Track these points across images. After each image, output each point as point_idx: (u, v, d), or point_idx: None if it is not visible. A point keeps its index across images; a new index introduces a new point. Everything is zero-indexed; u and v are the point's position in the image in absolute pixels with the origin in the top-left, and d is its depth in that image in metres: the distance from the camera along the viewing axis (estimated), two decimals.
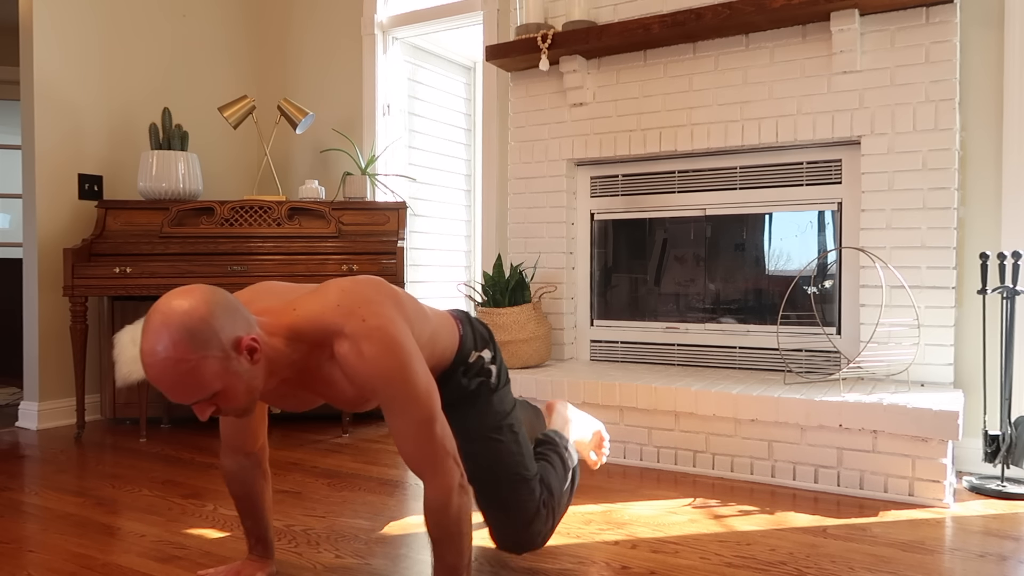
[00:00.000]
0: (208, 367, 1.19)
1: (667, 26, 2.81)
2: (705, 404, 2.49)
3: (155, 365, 1.17)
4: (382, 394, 1.31)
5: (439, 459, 1.35)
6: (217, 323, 1.20)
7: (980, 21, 2.54)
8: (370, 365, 1.28)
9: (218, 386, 1.22)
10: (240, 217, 3.25)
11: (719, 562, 1.77)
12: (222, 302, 1.23)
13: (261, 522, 1.66)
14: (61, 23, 3.34)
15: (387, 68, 3.90)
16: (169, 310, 1.18)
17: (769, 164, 2.89)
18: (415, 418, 1.33)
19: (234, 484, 1.63)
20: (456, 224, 4.31)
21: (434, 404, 1.36)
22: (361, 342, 1.28)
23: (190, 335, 1.17)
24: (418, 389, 1.32)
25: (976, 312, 2.56)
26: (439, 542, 1.39)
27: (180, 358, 1.17)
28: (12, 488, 2.39)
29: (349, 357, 1.29)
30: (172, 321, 1.17)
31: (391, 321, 1.32)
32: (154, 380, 1.19)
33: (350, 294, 1.33)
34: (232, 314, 1.23)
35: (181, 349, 1.17)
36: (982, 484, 2.33)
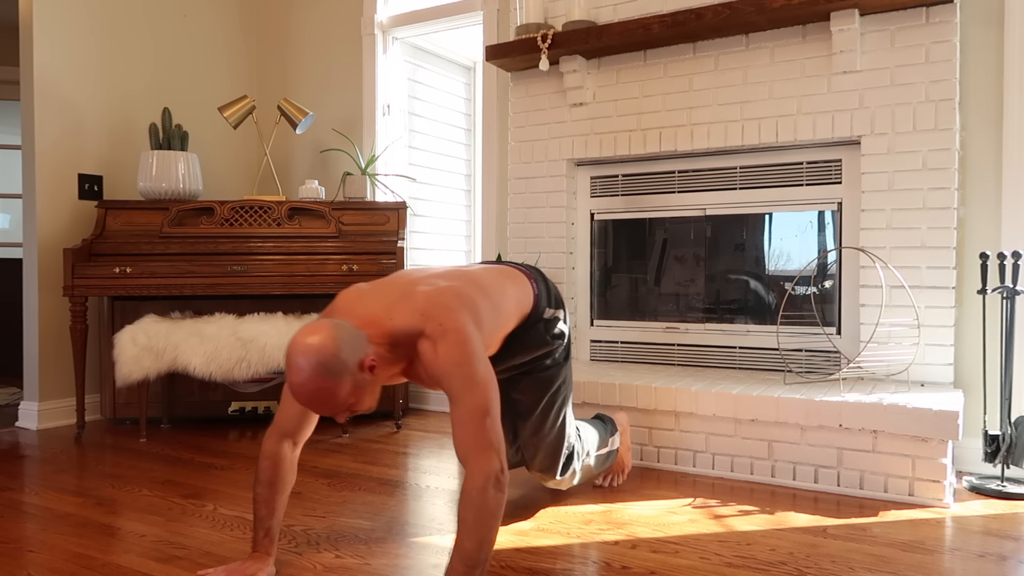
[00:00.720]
0: (342, 389, 1.47)
1: (667, 26, 2.81)
2: (705, 404, 2.49)
3: (302, 395, 1.45)
4: (447, 383, 1.54)
5: (483, 447, 1.49)
6: (344, 354, 1.47)
7: (980, 21, 2.54)
8: (441, 360, 1.55)
9: (351, 400, 1.50)
10: (240, 217, 3.25)
11: (719, 562, 1.77)
12: (345, 336, 1.49)
13: (275, 513, 1.70)
14: (61, 23, 3.35)
15: (387, 68, 3.90)
16: (306, 348, 1.44)
17: (769, 164, 2.89)
18: (469, 406, 1.52)
19: (268, 468, 1.69)
20: (456, 224, 4.31)
21: (489, 399, 1.54)
22: (436, 342, 1.55)
23: (325, 368, 1.44)
24: (476, 383, 1.54)
25: (976, 312, 2.56)
26: (464, 525, 1.46)
27: (319, 388, 1.44)
28: (12, 488, 2.39)
29: (427, 354, 1.56)
30: (311, 359, 1.44)
31: (462, 326, 1.58)
32: (303, 403, 1.47)
33: (432, 301, 1.60)
34: (354, 342, 1.50)
35: (319, 380, 1.44)
36: (982, 484, 2.33)
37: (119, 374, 2.98)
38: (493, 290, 1.78)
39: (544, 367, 1.97)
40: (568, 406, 2.05)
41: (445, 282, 1.68)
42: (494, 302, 1.76)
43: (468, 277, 1.76)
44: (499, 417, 1.55)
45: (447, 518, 2.10)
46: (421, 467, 2.64)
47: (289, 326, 3.08)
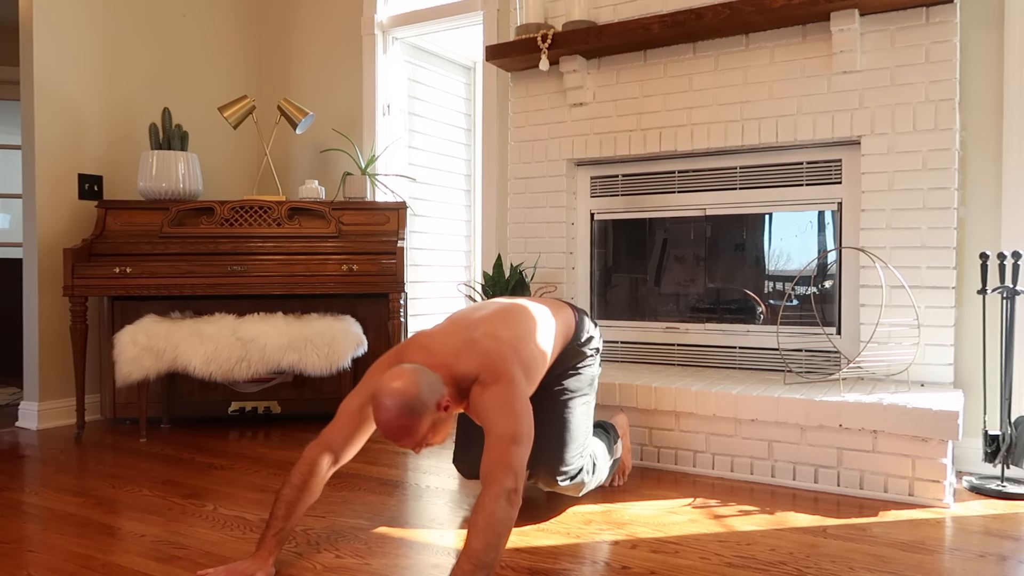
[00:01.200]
0: (422, 426, 1.66)
1: (667, 26, 2.81)
2: (705, 404, 2.49)
3: (388, 431, 1.64)
4: (486, 415, 1.71)
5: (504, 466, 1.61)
6: (424, 396, 1.66)
7: (980, 21, 2.54)
8: (486, 398, 1.74)
9: (429, 435, 1.70)
10: (240, 217, 3.25)
11: (719, 562, 1.77)
12: (424, 380, 1.68)
13: (291, 518, 1.73)
14: (61, 23, 3.35)
15: (387, 68, 3.90)
16: (392, 391, 1.64)
17: (769, 164, 2.89)
18: (499, 431, 1.66)
19: (303, 473, 1.75)
20: (456, 224, 4.31)
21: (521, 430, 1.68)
22: (487, 386, 1.75)
23: (409, 408, 1.63)
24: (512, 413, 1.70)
25: (976, 312, 2.56)
26: (474, 528, 1.52)
27: (403, 425, 1.64)
28: (12, 488, 2.39)
29: (476, 394, 1.76)
30: (397, 401, 1.63)
31: (512, 375, 1.77)
32: (387, 437, 1.66)
33: (491, 355, 1.79)
34: (432, 385, 1.69)
35: (404, 419, 1.63)
36: (982, 484, 2.33)
37: (119, 374, 2.98)
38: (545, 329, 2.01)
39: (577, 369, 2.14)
40: (589, 419, 2.14)
41: (507, 333, 1.88)
42: (545, 338, 1.99)
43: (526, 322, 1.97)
44: (527, 450, 1.67)
45: (447, 518, 2.10)
46: (421, 467, 2.64)
47: (289, 326, 3.08)
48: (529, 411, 1.74)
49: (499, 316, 1.95)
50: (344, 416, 1.79)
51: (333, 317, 3.20)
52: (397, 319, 3.15)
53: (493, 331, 1.86)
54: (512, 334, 1.88)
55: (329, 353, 3.06)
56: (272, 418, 3.47)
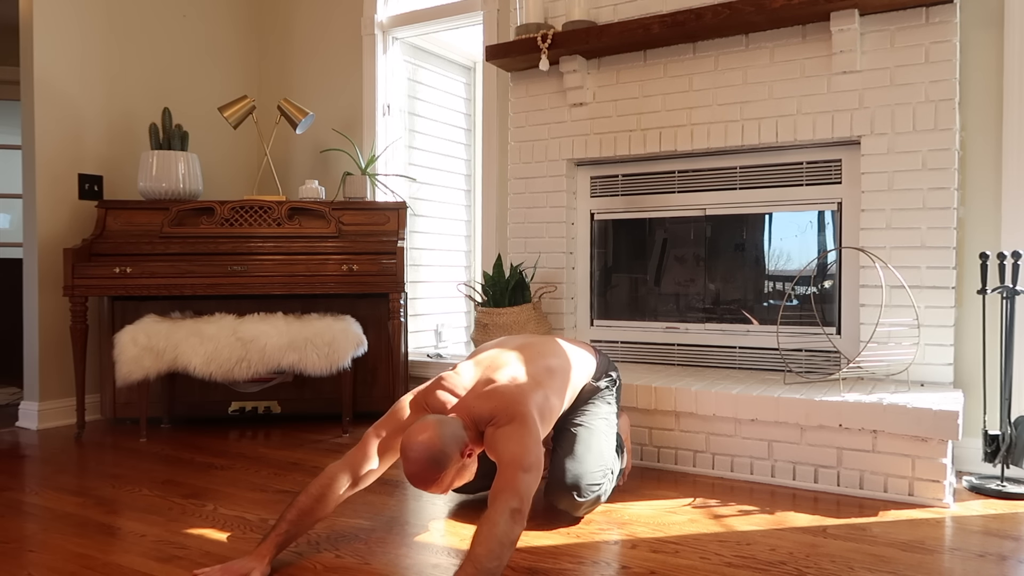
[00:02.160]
0: (448, 475, 1.75)
1: (667, 26, 2.81)
2: (705, 404, 2.49)
3: (416, 481, 1.73)
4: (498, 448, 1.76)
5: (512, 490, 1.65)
6: (448, 449, 1.73)
7: (980, 21, 2.54)
8: (499, 434, 1.79)
9: (456, 480, 1.80)
10: (240, 217, 3.25)
11: (719, 562, 1.77)
12: (448, 432, 1.75)
13: (299, 525, 1.76)
14: (61, 23, 3.35)
15: (387, 68, 3.90)
16: (417, 445, 1.71)
17: (769, 164, 2.89)
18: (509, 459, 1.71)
19: (322, 485, 1.79)
20: (456, 224, 4.30)
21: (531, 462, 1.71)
22: (501, 427, 1.79)
23: (435, 462, 1.72)
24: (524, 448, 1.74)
25: (976, 312, 2.56)
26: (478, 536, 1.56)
27: (430, 476, 1.72)
28: (12, 488, 2.39)
29: (491, 435, 1.80)
30: (422, 455, 1.70)
31: (527, 415, 1.81)
32: (416, 486, 1.75)
33: (508, 399, 1.83)
34: (455, 437, 1.76)
35: (431, 472, 1.72)
36: (982, 484, 2.33)
37: (119, 374, 2.98)
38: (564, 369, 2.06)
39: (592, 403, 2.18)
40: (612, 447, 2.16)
41: (527, 377, 1.94)
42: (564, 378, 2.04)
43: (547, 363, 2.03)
44: (536, 479, 1.70)
45: (447, 518, 2.10)
46: None
47: (289, 326, 3.08)
48: (540, 445, 1.78)
49: (523, 356, 2.03)
50: (368, 443, 1.86)
51: (333, 317, 3.20)
52: (397, 319, 3.15)
53: (514, 373, 1.94)
54: (533, 377, 1.95)
55: (329, 353, 3.06)
56: (272, 418, 3.47)
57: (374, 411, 3.44)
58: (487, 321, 2.96)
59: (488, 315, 2.97)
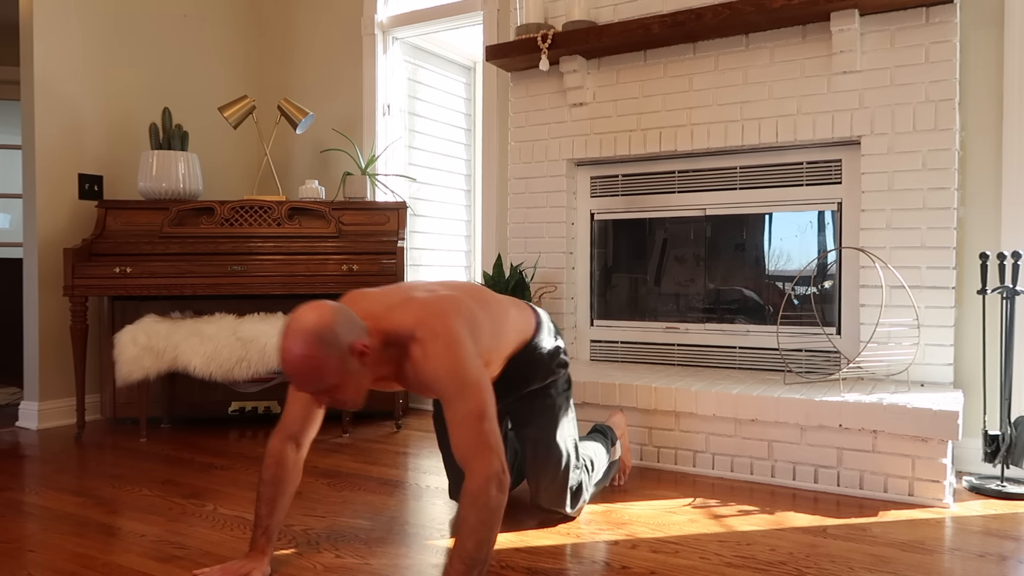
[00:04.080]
0: (329, 364, 1.48)
1: (667, 26, 2.81)
2: (705, 404, 2.49)
3: (290, 360, 1.46)
4: (439, 387, 1.57)
5: (482, 449, 1.51)
6: (340, 329, 1.49)
7: (980, 21, 2.54)
8: (431, 364, 1.57)
9: (335, 380, 1.50)
10: (240, 217, 3.25)
11: (719, 562, 1.77)
12: (343, 313, 1.53)
13: (275, 513, 1.71)
14: (61, 23, 3.35)
15: (387, 68, 3.90)
16: (303, 318, 1.48)
17: (769, 164, 2.89)
18: (464, 409, 1.54)
19: (273, 466, 1.71)
20: (456, 224, 4.30)
21: (484, 402, 1.55)
22: (426, 346, 1.58)
23: (319, 337, 1.46)
24: (469, 384, 1.56)
25: (976, 312, 2.56)
26: (465, 524, 1.47)
27: (310, 355, 1.46)
28: (12, 488, 2.39)
29: (417, 358, 1.59)
30: (306, 326, 1.47)
31: (454, 332, 1.60)
32: (288, 372, 1.48)
33: (428, 308, 1.63)
34: (350, 323, 1.53)
35: (311, 347, 1.46)
36: (982, 484, 2.33)
37: (119, 374, 2.98)
38: (494, 307, 1.83)
39: (547, 396, 2.00)
40: (574, 436, 2.06)
41: (446, 291, 1.71)
42: (493, 316, 1.80)
43: (471, 290, 1.81)
44: (495, 419, 1.56)
45: (447, 518, 2.10)
46: (421, 467, 2.64)
47: None
48: (484, 372, 1.61)
49: (445, 282, 1.84)
50: (295, 401, 1.72)
51: None
52: None
53: (433, 289, 1.73)
54: (455, 294, 1.71)
55: None
56: (272, 418, 3.47)
57: (374, 411, 3.44)
58: None
59: None
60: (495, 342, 1.80)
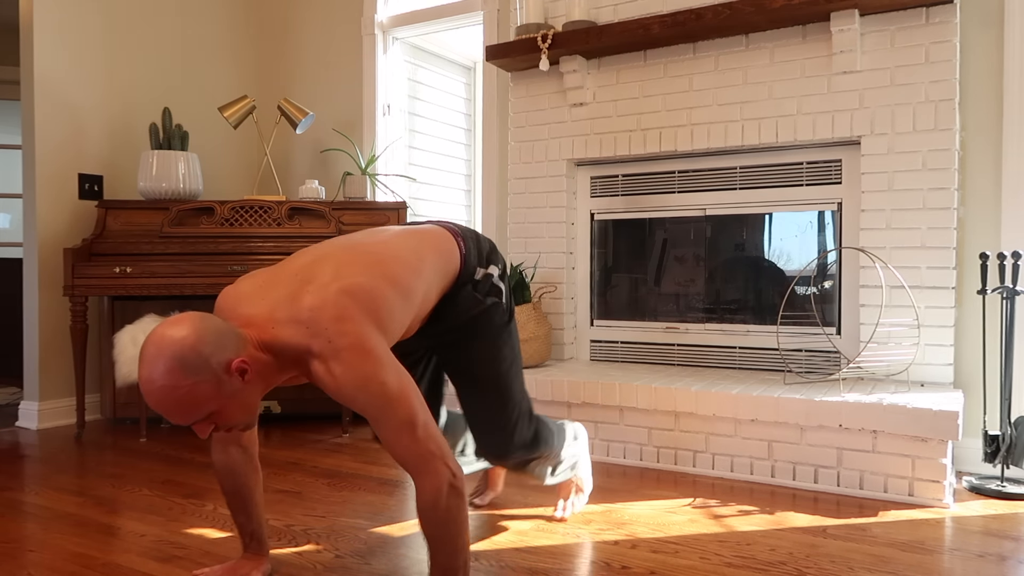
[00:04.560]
0: (201, 391, 1.26)
1: (667, 26, 2.81)
2: (705, 404, 2.49)
3: (152, 392, 1.25)
4: (359, 406, 1.36)
5: (425, 460, 1.37)
6: (207, 349, 1.27)
7: (980, 21, 2.54)
8: (340, 383, 1.34)
9: (213, 407, 1.29)
10: (240, 217, 3.25)
11: (719, 562, 1.77)
12: (211, 328, 1.29)
13: (253, 518, 1.66)
14: (61, 23, 3.35)
15: (387, 68, 3.90)
16: (161, 340, 1.26)
17: (769, 164, 2.89)
18: (394, 423, 1.36)
19: (227, 478, 1.62)
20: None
21: (412, 408, 1.38)
22: (328, 361, 1.33)
23: (181, 363, 1.25)
24: (390, 397, 1.35)
25: (976, 312, 2.56)
26: (432, 541, 1.41)
27: (174, 385, 1.25)
28: (12, 488, 2.39)
29: (322, 376, 1.35)
30: (164, 351, 1.25)
31: (356, 338, 1.34)
32: (153, 405, 1.27)
33: (317, 312, 1.34)
34: (221, 339, 1.29)
35: (175, 377, 1.24)
36: (982, 484, 2.33)
37: (119, 374, 2.97)
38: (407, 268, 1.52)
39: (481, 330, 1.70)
40: (520, 380, 1.77)
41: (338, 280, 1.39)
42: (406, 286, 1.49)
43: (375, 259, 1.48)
44: (431, 420, 1.40)
45: None
46: None
47: None
48: (404, 373, 1.38)
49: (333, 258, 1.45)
50: None
51: None
52: None
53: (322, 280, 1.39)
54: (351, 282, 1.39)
55: None
56: (272, 418, 3.47)
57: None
58: None
59: None
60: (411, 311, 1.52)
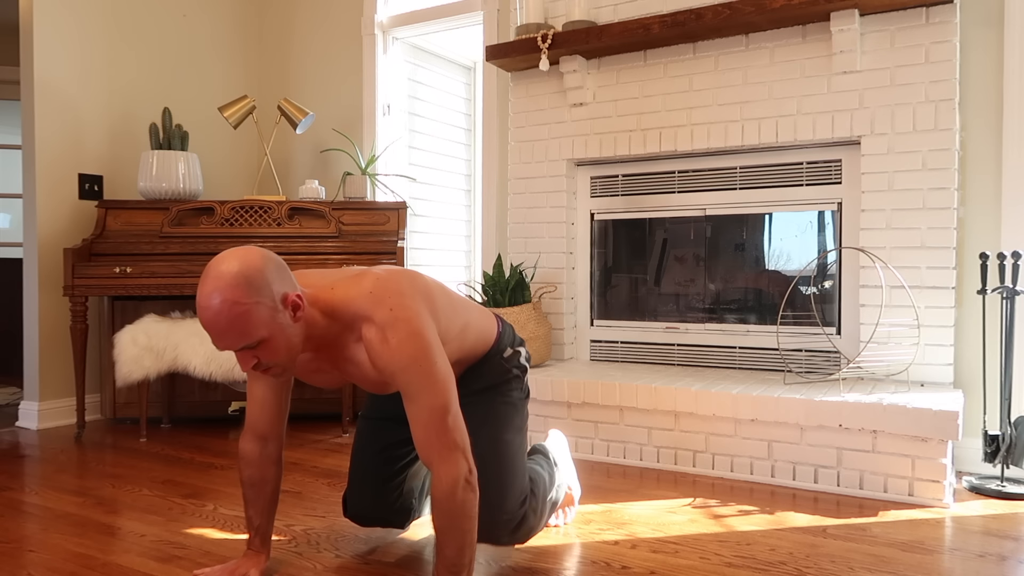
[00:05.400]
0: (257, 313, 1.31)
1: (667, 26, 2.81)
2: (705, 404, 2.49)
3: (212, 307, 1.29)
4: (400, 379, 1.41)
5: (448, 448, 1.41)
6: (270, 276, 1.34)
7: (980, 21, 2.54)
8: (392, 351, 1.40)
9: (264, 333, 1.33)
10: (240, 217, 3.25)
11: (719, 562, 1.77)
12: (275, 260, 1.37)
13: (265, 513, 1.68)
14: (61, 23, 3.35)
15: (387, 68, 3.90)
16: (231, 259, 1.32)
17: (769, 164, 2.89)
18: (429, 405, 1.41)
19: (249, 469, 1.64)
20: (456, 224, 4.31)
21: (449, 396, 1.43)
22: (386, 329, 1.40)
23: (247, 281, 1.30)
24: (435, 378, 1.42)
25: (976, 312, 2.56)
26: (442, 533, 1.43)
27: (236, 300, 1.29)
28: (12, 488, 2.39)
29: (374, 342, 1.41)
30: (232, 268, 1.30)
31: (417, 315, 1.43)
32: (208, 322, 1.30)
33: (383, 284, 1.44)
34: (282, 272, 1.37)
35: (239, 292, 1.29)
36: (982, 484, 2.33)
37: (119, 374, 2.98)
38: (456, 298, 1.65)
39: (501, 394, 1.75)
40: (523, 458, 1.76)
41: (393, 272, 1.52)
42: (453, 303, 1.61)
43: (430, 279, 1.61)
44: (460, 415, 1.46)
45: None
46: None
47: None
48: (448, 364, 1.46)
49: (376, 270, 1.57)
50: (254, 400, 1.61)
51: None
52: None
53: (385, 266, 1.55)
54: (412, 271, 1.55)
55: None
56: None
57: None
58: None
59: None
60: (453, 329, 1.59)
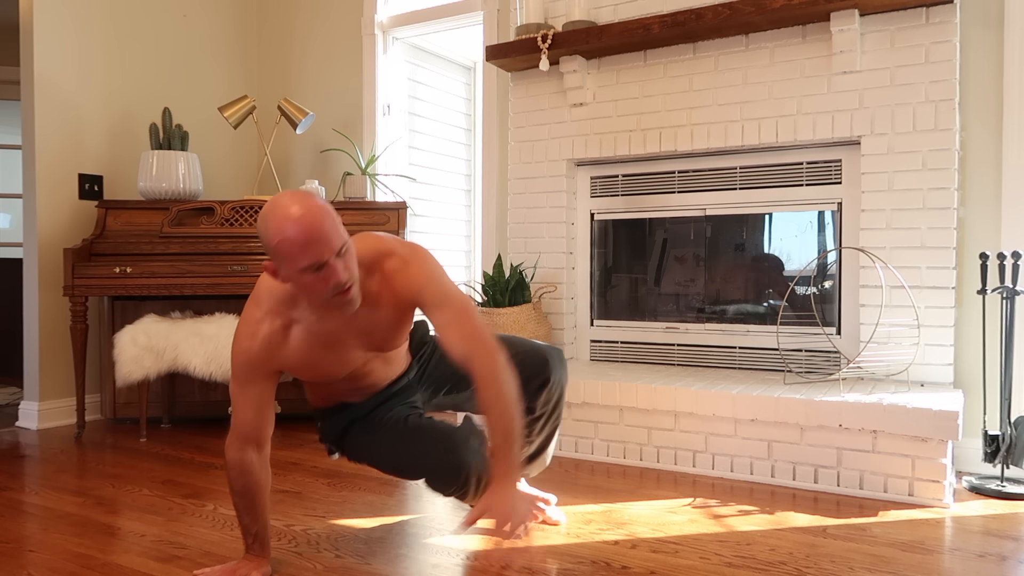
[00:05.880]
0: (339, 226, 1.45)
1: (667, 26, 2.81)
2: (705, 404, 2.49)
3: (312, 210, 1.41)
4: (428, 291, 1.58)
5: (482, 340, 1.56)
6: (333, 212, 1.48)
7: (980, 21, 2.54)
8: (415, 272, 1.59)
9: (346, 238, 1.47)
10: (240, 217, 3.25)
11: (719, 562, 1.77)
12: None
13: (259, 519, 1.67)
14: (61, 23, 3.35)
15: (387, 68, 3.90)
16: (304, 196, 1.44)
17: (769, 164, 2.89)
18: (458, 307, 1.58)
19: (239, 477, 1.63)
20: (456, 224, 4.30)
21: (471, 304, 1.60)
22: (407, 259, 1.60)
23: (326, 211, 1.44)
24: (456, 290, 1.60)
25: (976, 312, 2.56)
26: (492, 410, 1.54)
27: (323, 206, 1.44)
28: (12, 488, 2.39)
29: (397, 269, 1.59)
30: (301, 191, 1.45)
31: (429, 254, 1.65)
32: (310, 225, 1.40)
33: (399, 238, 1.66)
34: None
35: (321, 202, 1.44)
36: (982, 484, 2.33)
37: (119, 374, 2.98)
38: None
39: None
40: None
41: None
42: None
43: None
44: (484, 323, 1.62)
45: (447, 518, 2.10)
46: None
47: None
48: None
49: None
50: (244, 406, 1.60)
51: None
52: None
53: None
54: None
55: None
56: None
57: None
58: (487, 321, 2.96)
59: (488, 315, 2.97)
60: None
